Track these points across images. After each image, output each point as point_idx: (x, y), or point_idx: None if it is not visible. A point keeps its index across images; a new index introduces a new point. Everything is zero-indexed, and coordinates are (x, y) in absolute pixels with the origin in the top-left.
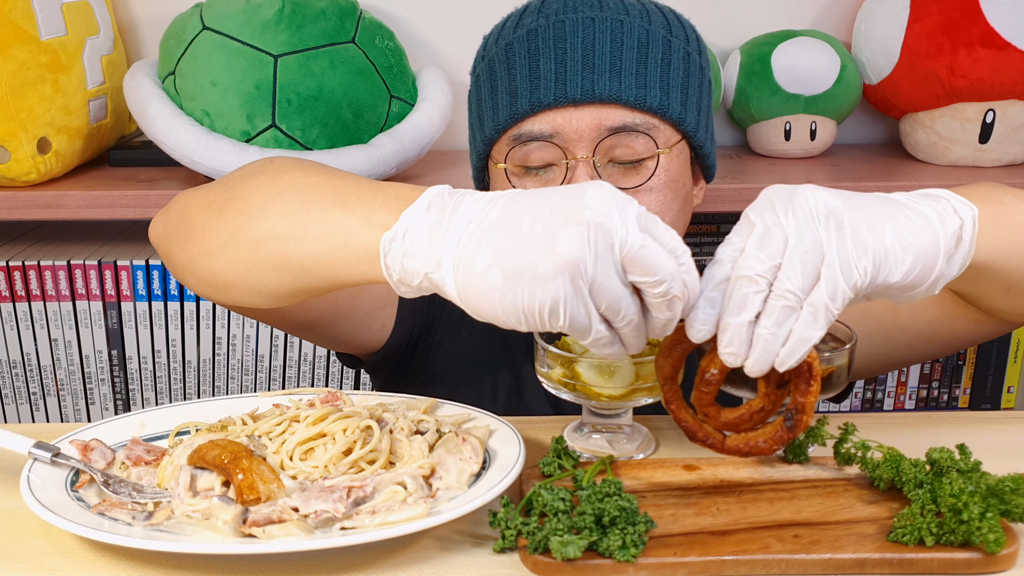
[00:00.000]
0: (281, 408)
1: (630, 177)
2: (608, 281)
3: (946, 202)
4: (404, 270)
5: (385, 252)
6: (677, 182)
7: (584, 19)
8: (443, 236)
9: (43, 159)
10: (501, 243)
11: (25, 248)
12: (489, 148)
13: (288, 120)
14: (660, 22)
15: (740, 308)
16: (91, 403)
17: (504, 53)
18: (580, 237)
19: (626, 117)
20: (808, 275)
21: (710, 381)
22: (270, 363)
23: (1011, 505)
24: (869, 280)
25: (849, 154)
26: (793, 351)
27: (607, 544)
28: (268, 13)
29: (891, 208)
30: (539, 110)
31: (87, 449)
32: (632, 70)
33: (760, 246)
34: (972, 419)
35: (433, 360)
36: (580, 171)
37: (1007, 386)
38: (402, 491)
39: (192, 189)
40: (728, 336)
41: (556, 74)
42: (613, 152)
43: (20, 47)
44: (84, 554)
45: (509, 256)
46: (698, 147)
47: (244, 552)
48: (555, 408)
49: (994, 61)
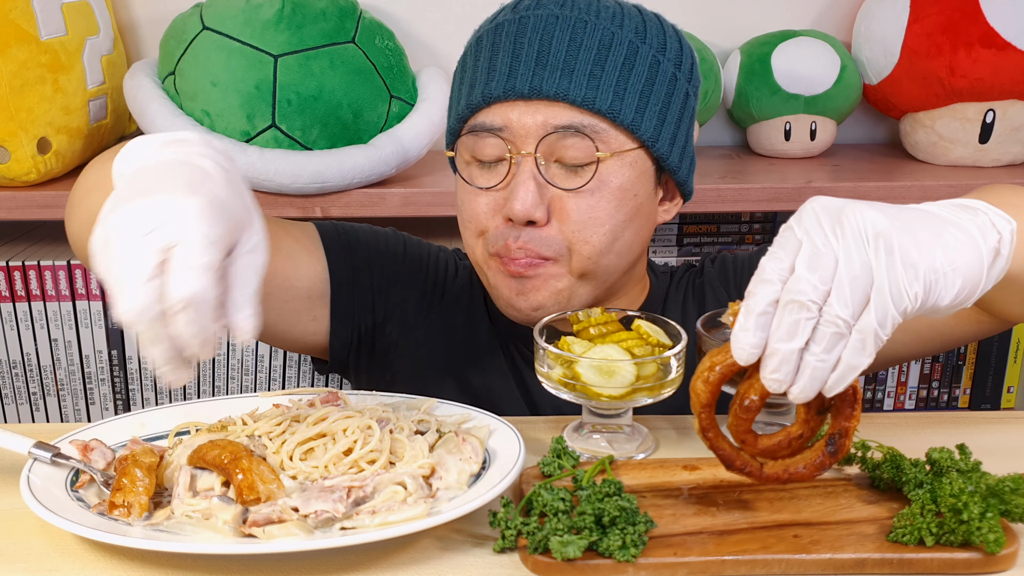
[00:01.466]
0: (281, 408)
1: (572, 179)
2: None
3: (984, 215)
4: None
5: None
6: (625, 191)
7: (548, 16)
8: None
9: (43, 159)
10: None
11: (25, 248)
12: (454, 138)
13: (288, 120)
14: (635, 29)
15: (791, 335)
16: (91, 403)
17: (474, 45)
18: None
19: (573, 117)
20: (858, 301)
21: (749, 408)
22: (270, 363)
23: (1011, 505)
24: (919, 305)
25: (849, 154)
26: (842, 378)
27: (607, 544)
28: (268, 13)
29: (937, 226)
30: (491, 102)
31: (87, 449)
32: (586, 71)
33: (811, 269)
34: (972, 419)
35: (393, 359)
36: (524, 167)
37: (1007, 386)
38: (402, 491)
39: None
40: (776, 362)
41: (510, 68)
42: (557, 151)
43: (20, 47)
44: (84, 554)
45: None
46: (661, 159)
47: (244, 552)
48: (529, 407)
49: (994, 61)
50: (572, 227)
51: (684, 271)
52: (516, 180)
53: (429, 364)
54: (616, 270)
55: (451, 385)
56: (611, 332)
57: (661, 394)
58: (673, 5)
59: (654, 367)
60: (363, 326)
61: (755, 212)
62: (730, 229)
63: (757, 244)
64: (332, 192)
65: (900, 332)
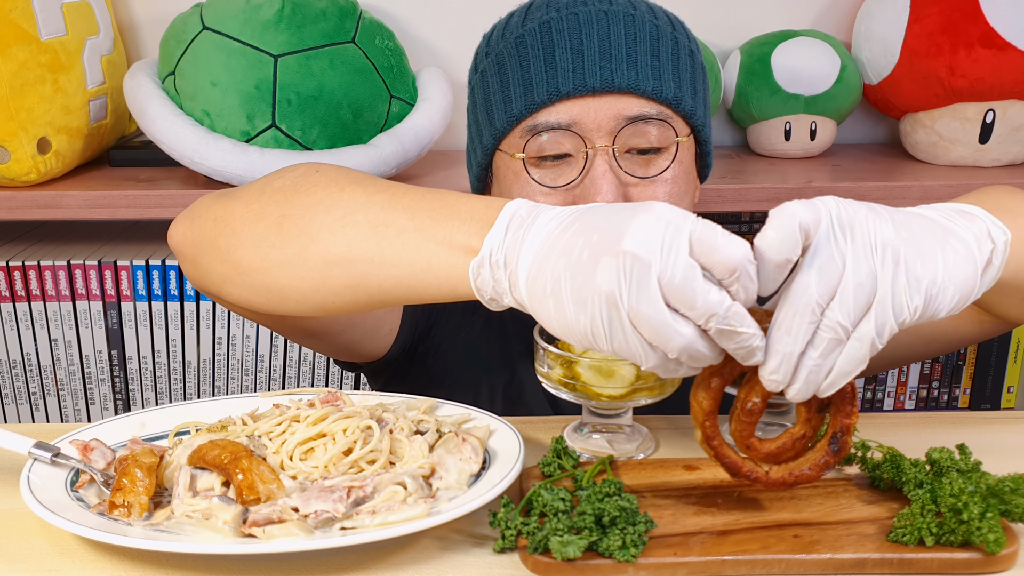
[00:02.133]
0: (281, 408)
1: (649, 167)
2: (648, 311)
3: (981, 223)
4: (496, 292)
5: (475, 277)
6: (689, 174)
7: (597, 11)
8: (516, 260)
9: (43, 159)
10: (556, 268)
11: (25, 248)
12: (498, 143)
13: (288, 120)
14: (664, 18)
15: (795, 338)
16: (91, 403)
17: (514, 46)
18: (614, 269)
19: (643, 107)
20: (859, 309)
21: (752, 411)
22: (270, 363)
23: (1011, 505)
24: (917, 316)
25: (849, 154)
26: (834, 383)
27: (607, 544)
28: (268, 13)
29: (940, 237)
30: (557, 100)
31: (87, 449)
32: (647, 61)
33: (820, 273)
34: (972, 419)
35: (432, 362)
36: (599, 160)
37: (1007, 386)
38: (402, 491)
39: (218, 195)
40: (776, 362)
41: (573, 64)
42: (631, 141)
43: (20, 47)
44: (84, 554)
45: (560, 283)
46: (703, 143)
47: (244, 552)
48: (554, 409)
49: (994, 61)
50: None
51: None
52: (594, 174)
53: (465, 368)
54: None
55: (483, 387)
56: None
57: (661, 394)
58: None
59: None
60: (418, 331)
61: (755, 212)
62: (730, 229)
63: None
64: None
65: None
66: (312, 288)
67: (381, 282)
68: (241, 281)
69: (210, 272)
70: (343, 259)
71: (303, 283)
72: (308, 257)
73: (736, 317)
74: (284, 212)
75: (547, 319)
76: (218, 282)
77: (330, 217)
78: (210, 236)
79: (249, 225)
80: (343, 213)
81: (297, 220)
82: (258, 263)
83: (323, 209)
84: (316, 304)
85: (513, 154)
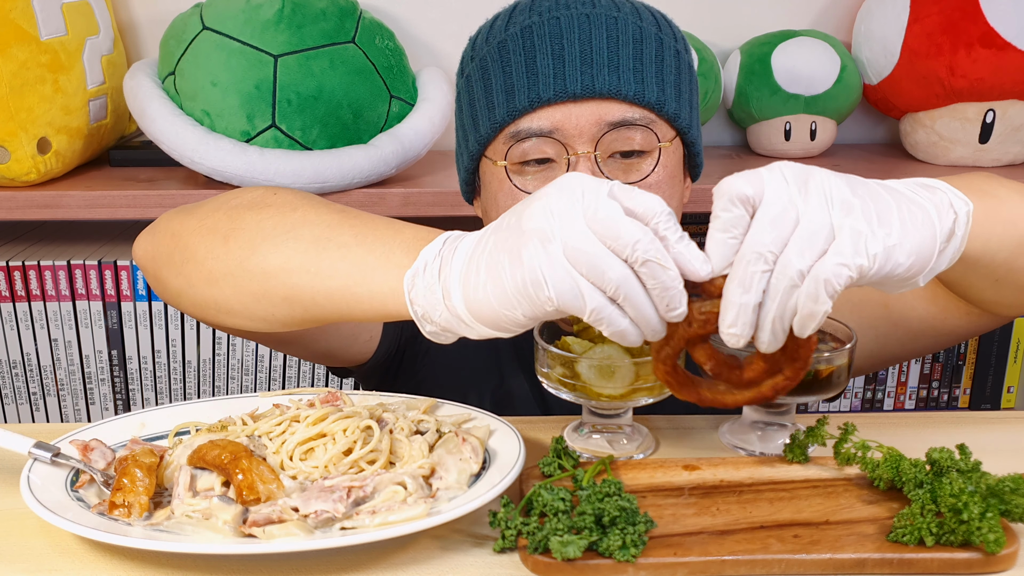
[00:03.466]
0: (281, 408)
1: (631, 172)
2: (579, 241)
3: (943, 195)
4: (428, 303)
5: (409, 288)
6: (674, 178)
7: (579, 15)
8: (450, 265)
9: (43, 159)
10: (487, 246)
11: (25, 248)
12: (483, 148)
13: (288, 120)
14: (649, 20)
15: (746, 286)
16: (91, 403)
17: (497, 51)
18: (540, 210)
19: (625, 112)
20: (815, 252)
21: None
22: (270, 363)
23: (1011, 505)
24: (876, 267)
25: (849, 154)
26: (803, 326)
27: (607, 544)
28: (268, 13)
29: (895, 200)
30: (538, 106)
31: (87, 449)
32: (629, 65)
33: (773, 224)
34: (972, 419)
35: (420, 367)
36: (581, 167)
37: (1007, 386)
38: (402, 491)
39: (178, 211)
40: (733, 315)
41: (555, 69)
42: (614, 147)
43: (20, 47)
44: (84, 554)
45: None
46: (690, 144)
47: (244, 552)
48: (544, 414)
49: (994, 61)
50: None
51: None
52: None
53: (455, 373)
54: None
55: (472, 392)
56: None
57: (661, 394)
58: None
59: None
60: (403, 336)
61: None
62: None
63: None
64: (332, 192)
65: (890, 327)
66: (252, 299)
67: (315, 295)
68: (193, 294)
69: (168, 286)
70: (281, 270)
71: (243, 295)
72: (248, 268)
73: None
74: (232, 226)
75: (485, 299)
76: (176, 295)
77: (276, 231)
78: (167, 250)
79: (200, 238)
80: (289, 228)
81: (243, 233)
82: (204, 275)
83: (271, 224)
84: (257, 316)
85: (496, 161)
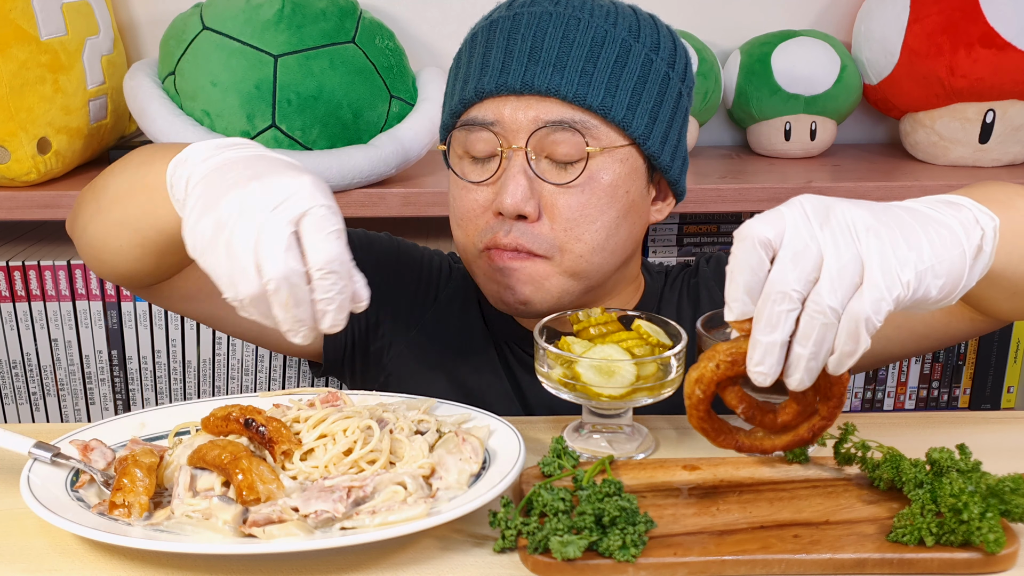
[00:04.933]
0: (281, 408)
1: (562, 174)
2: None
3: (968, 211)
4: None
5: (171, 174)
6: (616, 188)
7: (541, 13)
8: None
9: (43, 159)
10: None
11: (25, 248)
12: (447, 133)
13: (288, 120)
14: (629, 28)
15: (773, 325)
16: (91, 403)
17: (469, 42)
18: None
19: (564, 113)
20: (847, 289)
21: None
22: (270, 363)
23: (1011, 505)
24: (911, 294)
25: (849, 154)
26: (841, 364)
27: (607, 544)
28: (268, 13)
29: (920, 222)
30: (483, 97)
31: (87, 449)
32: (577, 67)
33: (794, 262)
34: (972, 419)
35: (387, 361)
36: (515, 161)
37: (1007, 386)
38: (402, 491)
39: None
40: (760, 354)
41: (503, 64)
42: (547, 146)
43: (20, 47)
44: (84, 554)
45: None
46: (652, 157)
47: (244, 552)
48: (524, 408)
49: (994, 61)
50: (564, 224)
51: (679, 271)
52: (507, 174)
53: (423, 365)
54: (608, 269)
55: (444, 386)
56: (611, 332)
57: (661, 394)
58: (673, 5)
59: (654, 367)
60: (356, 329)
61: (755, 212)
62: (730, 229)
63: None
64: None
65: (894, 330)
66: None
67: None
68: (84, 255)
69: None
70: (119, 196)
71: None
72: (101, 205)
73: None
74: (101, 179)
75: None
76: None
77: (120, 168)
78: (71, 219)
79: (81, 198)
80: (128, 162)
81: (103, 178)
82: (80, 228)
83: (120, 166)
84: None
85: (443, 146)
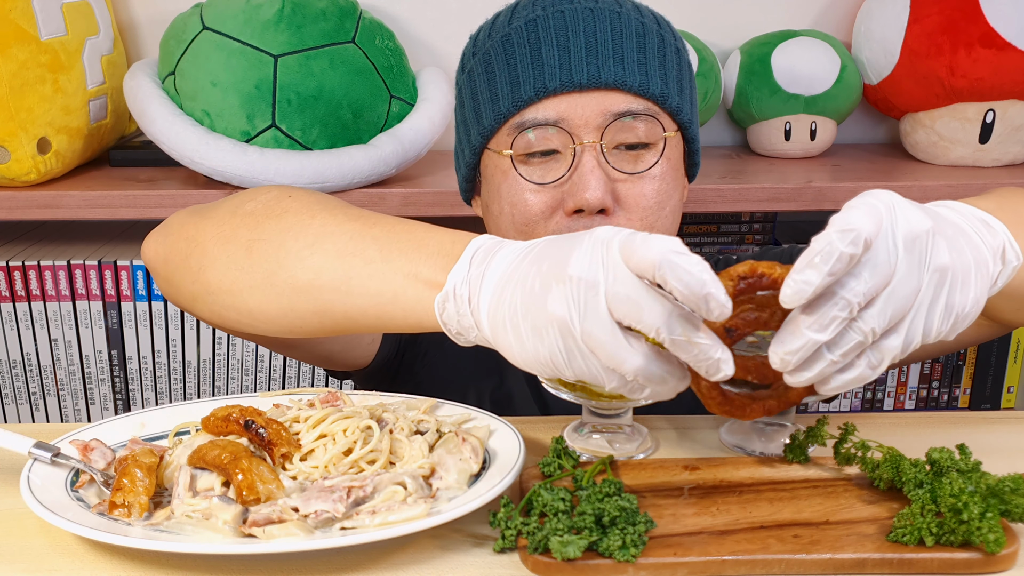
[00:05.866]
0: (281, 408)
1: (636, 163)
2: (599, 333)
3: (1001, 239)
4: (462, 326)
5: (440, 312)
6: (677, 171)
7: (583, 9)
8: (479, 294)
9: (43, 159)
10: (513, 300)
11: (25, 248)
12: (486, 141)
13: (288, 120)
14: (649, 16)
15: (823, 327)
16: (91, 403)
17: (501, 45)
18: (563, 295)
19: (630, 103)
20: (892, 319)
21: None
22: (270, 363)
23: (1011, 505)
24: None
25: (849, 154)
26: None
27: (607, 544)
28: (268, 13)
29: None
30: (544, 96)
31: (87, 449)
32: (634, 58)
33: (873, 274)
34: (972, 419)
35: (420, 369)
36: (587, 156)
37: (1007, 386)
38: (402, 491)
39: (190, 212)
40: (798, 344)
41: (560, 60)
42: (619, 137)
43: (20, 47)
44: (84, 554)
45: (517, 314)
46: (690, 141)
47: (244, 552)
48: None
49: (994, 61)
50: (640, 213)
51: None
52: (582, 170)
53: (454, 374)
54: None
55: (471, 392)
56: None
57: None
58: (673, 5)
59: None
60: (403, 340)
61: (755, 212)
62: (730, 229)
63: (757, 244)
64: (332, 192)
65: None
66: (280, 313)
67: (347, 310)
68: (212, 301)
69: (182, 290)
70: (310, 286)
71: (271, 307)
72: (276, 283)
73: (683, 325)
74: (254, 236)
75: (510, 352)
76: (189, 300)
77: (299, 244)
78: (182, 255)
79: (220, 246)
80: (312, 240)
81: (266, 245)
82: (227, 285)
83: (292, 235)
84: (284, 327)
85: (501, 151)
